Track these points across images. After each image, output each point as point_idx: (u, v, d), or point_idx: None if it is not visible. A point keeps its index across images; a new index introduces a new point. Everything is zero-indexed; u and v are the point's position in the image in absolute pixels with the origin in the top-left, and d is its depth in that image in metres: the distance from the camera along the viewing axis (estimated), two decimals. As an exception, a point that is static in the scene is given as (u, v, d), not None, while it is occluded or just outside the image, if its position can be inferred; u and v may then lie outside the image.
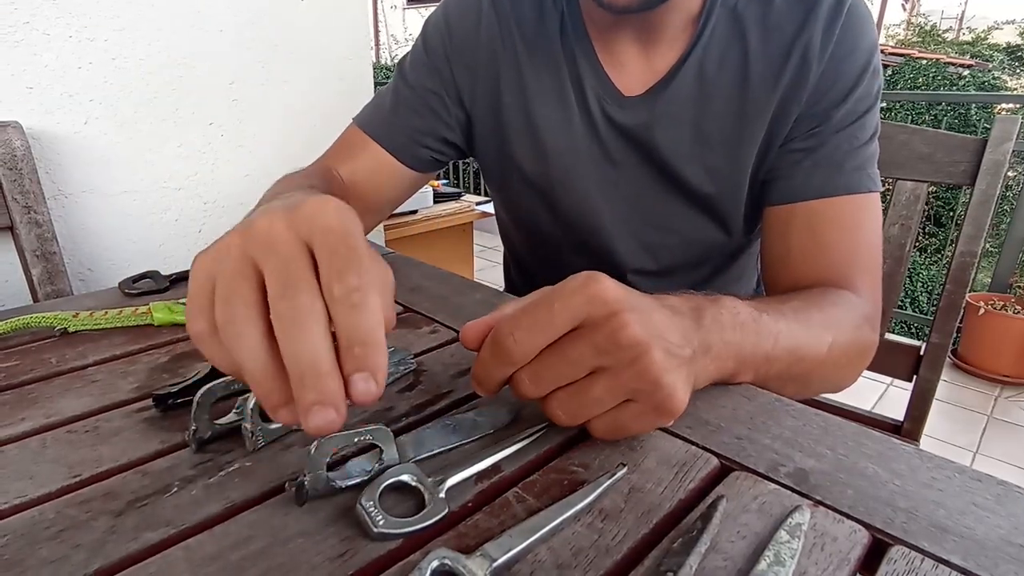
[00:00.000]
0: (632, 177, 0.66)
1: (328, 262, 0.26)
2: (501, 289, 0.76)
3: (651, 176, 0.65)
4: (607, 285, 0.34)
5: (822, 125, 0.58)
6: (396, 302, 0.61)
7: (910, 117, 4.41)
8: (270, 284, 0.26)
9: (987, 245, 3.42)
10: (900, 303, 3.28)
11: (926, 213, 4.08)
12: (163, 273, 0.66)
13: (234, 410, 0.38)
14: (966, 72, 5.25)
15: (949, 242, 3.68)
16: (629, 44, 0.62)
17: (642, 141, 0.63)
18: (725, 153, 0.62)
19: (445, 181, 2.70)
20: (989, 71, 5.57)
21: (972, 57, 6.26)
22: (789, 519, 0.31)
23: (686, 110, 0.61)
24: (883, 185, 0.63)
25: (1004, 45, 7.52)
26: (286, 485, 0.33)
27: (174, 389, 0.41)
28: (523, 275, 0.87)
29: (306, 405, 0.25)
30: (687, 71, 0.60)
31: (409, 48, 0.73)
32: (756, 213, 0.66)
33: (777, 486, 0.34)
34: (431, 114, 0.68)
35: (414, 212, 1.97)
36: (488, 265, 3.36)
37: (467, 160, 0.78)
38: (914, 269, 3.54)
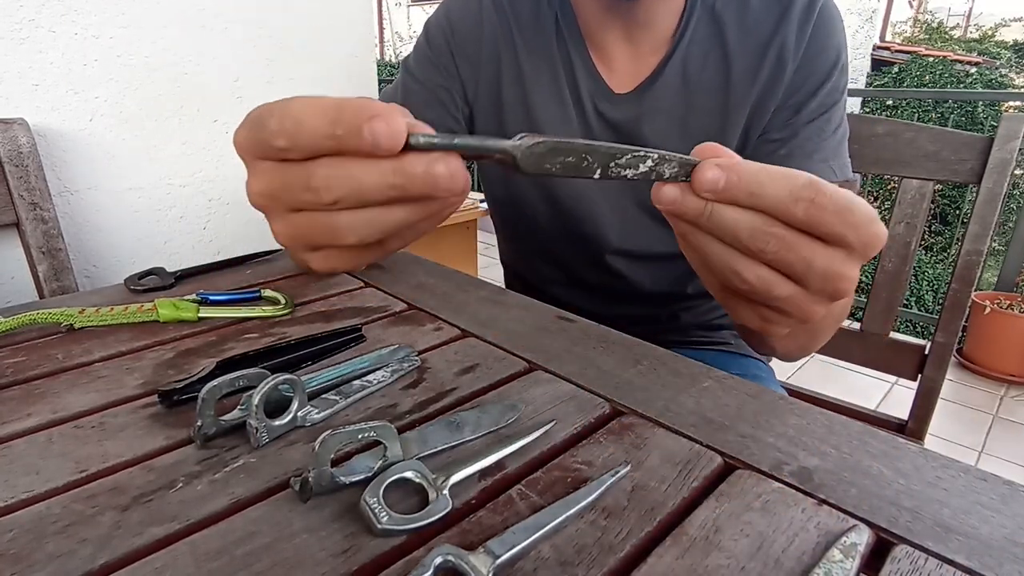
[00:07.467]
0: None
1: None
2: (503, 286, 0.76)
3: None
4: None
5: (794, 117, 0.62)
6: (400, 299, 0.61)
7: (916, 115, 4.39)
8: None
9: (993, 244, 3.40)
10: (905, 302, 3.27)
11: (932, 211, 4.05)
12: (168, 270, 0.66)
13: (239, 407, 0.39)
14: (973, 70, 5.22)
15: (955, 240, 3.66)
16: (618, 44, 0.64)
17: (631, 136, 0.66)
18: None
19: (449, 178, 2.69)
20: (996, 69, 5.52)
21: (979, 55, 6.21)
22: (844, 538, 0.30)
23: (672, 106, 0.64)
24: (889, 183, 0.64)
25: (1012, 43, 7.45)
26: (290, 481, 0.33)
27: (179, 385, 0.41)
28: (512, 267, 0.88)
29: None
30: (672, 69, 0.64)
31: (412, 46, 0.73)
32: None
33: (781, 485, 0.34)
34: (440, 107, 0.70)
35: (418, 209, 1.96)
36: (492, 263, 3.36)
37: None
38: (919, 268, 3.53)
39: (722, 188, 0.28)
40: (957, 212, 4.01)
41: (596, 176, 0.28)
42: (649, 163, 0.28)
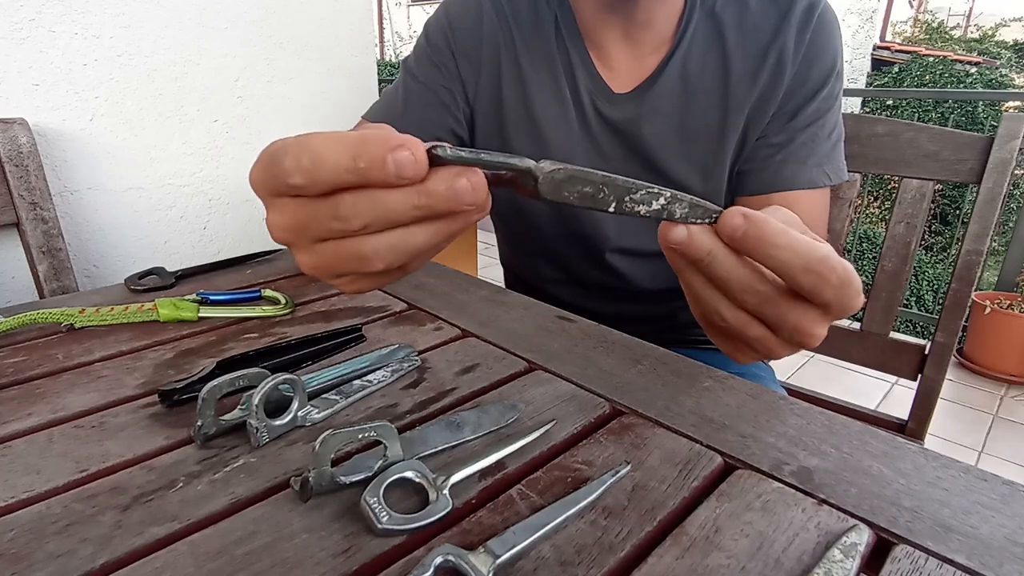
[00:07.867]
0: (620, 171, 0.67)
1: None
2: (503, 286, 0.76)
3: (638, 169, 0.68)
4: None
5: (791, 121, 0.63)
6: (400, 299, 0.61)
7: (917, 115, 4.40)
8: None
9: (993, 243, 3.40)
10: (905, 302, 3.27)
11: (932, 211, 4.06)
12: (168, 270, 0.66)
13: (239, 406, 0.39)
14: (973, 69, 5.22)
15: (955, 240, 3.66)
16: (618, 44, 0.65)
17: (630, 136, 0.66)
18: (709, 148, 0.65)
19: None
20: (996, 69, 5.52)
21: (979, 54, 6.22)
22: (844, 538, 0.30)
23: (671, 107, 0.65)
24: (889, 183, 0.65)
25: (1012, 42, 7.46)
26: (290, 481, 0.33)
27: (179, 385, 0.41)
28: (511, 267, 0.88)
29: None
30: (671, 70, 0.64)
31: (412, 46, 0.73)
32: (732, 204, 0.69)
33: (781, 485, 0.34)
34: (442, 107, 0.70)
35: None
36: (492, 263, 3.36)
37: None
38: (920, 267, 3.53)
39: (740, 237, 0.29)
40: (957, 212, 4.02)
41: (611, 210, 0.29)
42: (662, 200, 0.30)
